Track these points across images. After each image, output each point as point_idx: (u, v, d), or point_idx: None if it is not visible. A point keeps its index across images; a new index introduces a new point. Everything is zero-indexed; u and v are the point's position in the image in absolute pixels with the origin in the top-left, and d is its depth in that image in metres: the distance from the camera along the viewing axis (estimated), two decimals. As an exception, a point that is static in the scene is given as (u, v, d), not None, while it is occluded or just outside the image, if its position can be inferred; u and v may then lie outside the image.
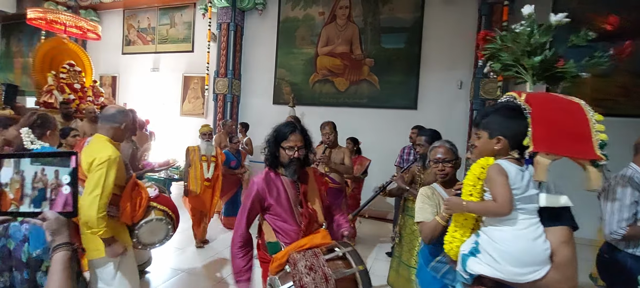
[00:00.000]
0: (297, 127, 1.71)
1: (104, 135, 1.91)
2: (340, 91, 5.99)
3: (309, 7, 6.20)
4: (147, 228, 1.99)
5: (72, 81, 4.37)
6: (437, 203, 1.69)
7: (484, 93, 4.82)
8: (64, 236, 0.82)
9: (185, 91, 7.23)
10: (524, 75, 1.37)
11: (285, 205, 1.68)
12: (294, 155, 1.64)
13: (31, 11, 4.72)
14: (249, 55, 6.68)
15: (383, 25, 5.73)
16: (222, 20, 6.39)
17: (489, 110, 1.15)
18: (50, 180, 0.83)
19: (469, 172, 1.12)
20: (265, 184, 1.68)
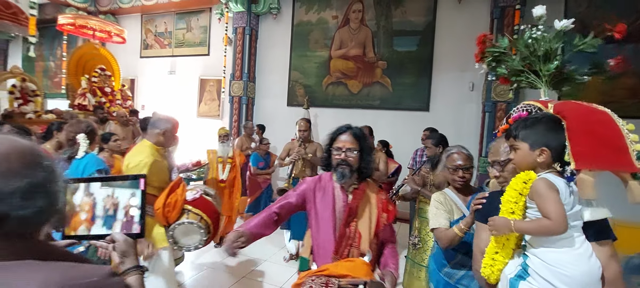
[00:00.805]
0: (352, 128, 1.58)
1: (148, 141, 2.09)
2: (353, 93, 6.13)
3: (323, 11, 6.35)
4: (180, 230, 2.02)
5: (103, 85, 4.61)
6: (451, 208, 1.67)
7: (495, 95, 4.92)
8: (133, 259, 0.82)
9: (202, 93, 7.45)
10: (537, 82, 1.34)
11: (328, 216, 1.51)
12: (341, 157, 1.50)
13: (62, 17, 4.97)
14: (263, 58, 6.86)
15: (395, 29, 5.85)
16: (238, 25, 6.58)
17: (527, 121, 1.08)
18: (121, 203, 0.84)
19: (509, 188, 1.05)
20: (314, 184, 1.58)
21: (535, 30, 1.34)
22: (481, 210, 1.27)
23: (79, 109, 4.23)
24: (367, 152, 1.56)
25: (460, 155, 1.73)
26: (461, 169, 1.70)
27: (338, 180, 1.52)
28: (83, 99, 4.27)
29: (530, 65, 1.37)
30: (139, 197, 0.85)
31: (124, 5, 7.72)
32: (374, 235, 1.51)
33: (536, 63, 1.34)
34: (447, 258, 1.70)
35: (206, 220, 2.03)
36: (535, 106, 1.21)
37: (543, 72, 1.33)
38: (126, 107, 4.76)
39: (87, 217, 0.85)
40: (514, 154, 1.09)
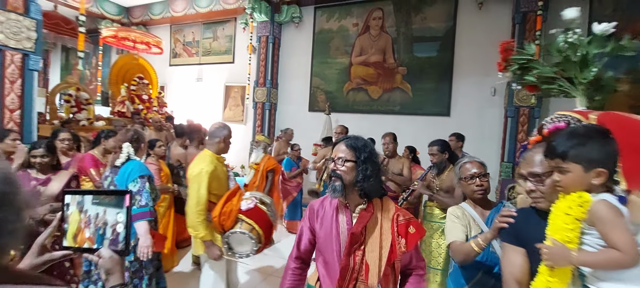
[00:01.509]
0: (348, 138, 1.38)
1: (209, 150, 2.28)
2: (373, 99, 6.24)
3: (343, 19, 6.52)
4: (233, 238, 2.14)
5: (141, 93, 4.95)
6: (468, 223, 1.59)
7: (518, 100, 4.91)
8: (118, 276, 0.82)
9: (227, 99, 7.77)
10: (572, 91, 1.23)
11: (330, 241, 1.32)
12: (332, 168, 1.30)
13: (105, 30, 5.42)
14: (285, 65, 7.09)
15: (415, 35, 5.93)
16: (261, 34, 6.85)
17: (576, 137, 0.94)
18: (109, 220, 0.84)
19: (559, 212, 0.93)
20: (319, 205, 1.42)
21: (571, 34, 1.22)
22: (510, 229, 1.17)
23: (118, 115, 4.57)
24: (369, 165, 1.28)
25: (472, 163, 1.66)
26: (477, 177, 1.61)
27: (330, 196, 1.33)
28: (122, 106, 4.61)
29: (563, 71, 1.26)
30: (124, 214, 0.84)
31: (155, 16, 8.18)
32: (390, 265, 1.26)
33: (570, 69, 1.22)
34: (466, 278, 1.58)
35: (258, 231, 2.12)
36: (573, 117, 1.10)
37: (579, 80, 1.20)
38: (162, 113, 5.09)
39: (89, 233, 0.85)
40: (562, 177, 0.94)
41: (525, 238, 1.09)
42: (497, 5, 5.31)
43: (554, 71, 1.27)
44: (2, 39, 2.81)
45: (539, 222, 1.06)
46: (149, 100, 4.97)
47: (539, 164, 1.12)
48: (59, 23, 3.94)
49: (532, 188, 1.12)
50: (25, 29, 2.94)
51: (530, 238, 1.06)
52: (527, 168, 1.15)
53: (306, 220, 1.43)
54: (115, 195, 0.86)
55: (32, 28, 2.99)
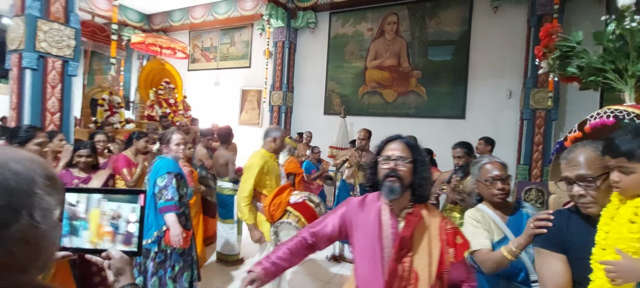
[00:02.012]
0: (402, 136, 1.31)
1: (263, 149, 2.54)
2: (388, 102, 6.33)
3: (358, 23, 6.64)
4: (281, 228, 2.35)
5: (168, 97, 5.17)
6: (490, 227, 1.48)
7: (534, 103, 4.92)
8: (128, 276, 0.80)
9: (243, 103, 7.97)
10: (620, 84, 1.15)
11: (373, 245, 1.20)
12: (390, 166, 1.20)
13: (134, 36, 5.74)
14: (301, 69, 7.25)
15: (430, 39, 6.00)
16: (278, 39, 7.03)
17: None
18: (122, 218, 0.82)
19: (623, 219, 0.87)
20: (357, 205, 1.30)
21: (629, 21, 1.13)
22: (549, 234, 1.08)
23: (148, 119, 4.80)
24: (423, 166, 1.25)
25: (494, 165, 1.54)
26: (499, 180, 1.49)
27: (386, 197, 1.21)
28: (151, 110, 4.84)
29: (614, 62, 1.17)
30: (137, 213, 0.82)
31: (175, 23, 8.47)
32: (437, 276, 1.16)
33: (621, 60, 1.14)
34: (488, 286, 1.51)
35: (304, 222, 2.28)
36: (629, 112, 1.02)
37: (632, 71, 1.12)
38: (187, 116, 5.31)
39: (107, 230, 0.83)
40: (623, 177, 0.89)
41: (566, 244, 1.03)
42: (512, 8, 5.34)
43: (600, 63, 1.17)
44: (46, 47, 3.03)
45: (582, 227, 1.02)
46: (175, 104, 5.19)
47: (586, 165, 1.00)
48: (95, 31, 4.21)
49: (582, 192, 1.00)
50: (65, 37, 3.16)
51: (572, 244, 1.01)
52: (573, 171, 1.03)
53: (341, 211, 1.32)
54: (128, 194, 0.83)
55: (72, 36, 3.21)
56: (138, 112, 5.91)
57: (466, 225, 1.53)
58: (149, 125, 4.40)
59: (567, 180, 1.05)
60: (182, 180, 2.39)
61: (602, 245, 0.90)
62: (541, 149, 4.92)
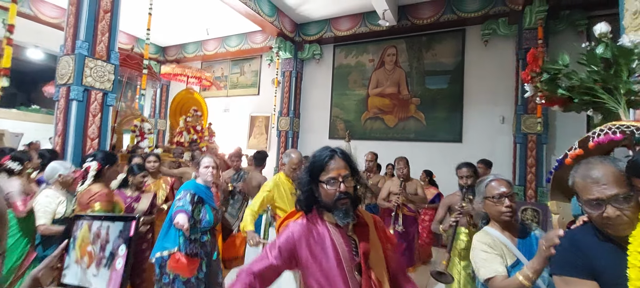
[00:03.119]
0: (336, 150, 1.23)
1: (281, 171, 2.78)
2: (389, 127, 6.74)
3: (360, 55, 7.17)
4: None
5: (195, 124, 5.54)
6: (502, 252, 1.41)
7: (525, 128, 5.31)
8: None
9: (252, 128, 8.40)
10: (611, 102, 1.17)
11: (334, 270, 1.14)
12: (340, 189, 1.14)
13: (164, 67, 6.33)
14: (307, 97, 7.73)
15: (427, 69, 6.49)
16: (286, 69, 7.56)
17: None
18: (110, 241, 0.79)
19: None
20: (304, 230, 1.20)
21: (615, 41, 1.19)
22: (571, 257, 1.01)
23: (177, 145, 5.15)
24: (358, 173, 1.23)
25: (500, 182, 1.52)
26: (506, 197, 1.47)
27: (342, 222, 1.16)
28: (180, 136, 5.22)
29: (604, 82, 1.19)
30: (126, 246, 0.77)
31: (188, 55, 9.06)
32: (388, 270, 1.24)
33: (611, 80, 1.16)
34: None
35: None
36: (637, 127, 1.01)
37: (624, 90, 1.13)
38: (211, 142, 5.68)
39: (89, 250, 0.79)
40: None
41: (597, 269, 0.95)
42: (501, 42, 5.85)
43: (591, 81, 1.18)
44: (90, 81, 3.47)
45: (609, 248, 0.95)
46: (201, 130, 5.55)
47: (618, 184, 0.94)
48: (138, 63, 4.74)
49: (619, 213, 0.93)
50: (106, 72, 3.61)
51: (603, 269, 0.94)
52: (605, 191, 0.95)
53: (285, 243, 1.19)
54: (122, 220, 0.80)
55: (111, 72, 3.66)
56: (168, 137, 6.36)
57: (476, 250, 1.44)
58: (176, 150, 4.77)
59: (597, 202, 0.96)
60: (201, 206, 2.39)
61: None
62: (534, 171, 5.26)
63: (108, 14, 3.64)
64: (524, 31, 5.34)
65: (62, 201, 2.45)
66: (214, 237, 2.56)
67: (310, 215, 1.23)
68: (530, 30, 5.23)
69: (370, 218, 1.29)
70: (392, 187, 3.76)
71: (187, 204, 2.28)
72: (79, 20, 3.47)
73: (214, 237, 2.56)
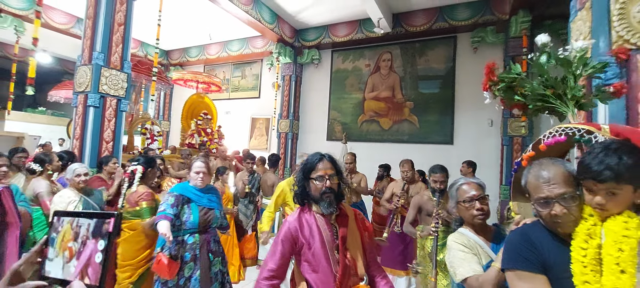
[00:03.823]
0: (325, 155, 1.54)
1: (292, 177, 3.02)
2: (384, 129, 7.06)
3: (357, 60, 7.49)
4: None
5: (206, 127, 5.80)
6: (477, 252, 1.44)
7: (511, 131, 5.63)
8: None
9: (252, 130, 8.71)
10: (561, 106, 1.25)
11: (319, 250, 1.44)
12: (326, 185, 1.45)
13: (175, 73, 6.62)
14: (306, 100, 8.04)
15: (420, 74, 6.81)
16: (285, 73, 7.87)
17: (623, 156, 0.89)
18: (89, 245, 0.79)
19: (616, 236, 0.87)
20: (298, 222, 1.50)
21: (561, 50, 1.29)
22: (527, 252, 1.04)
23: (188, 147, 5.43)
24: (342, 174, 1.54)
25: (470, 185, 1.55)
26: (476, 200, 1.50)
27: (327, 211, 1.46)
28: (191, 138, 5.50)
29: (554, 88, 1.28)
30: (105, 241, 0.79)
31: (191, 58, 9.37)
32: (364, 254, 1.51)
33: (559, 87, 1.26)
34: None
35: None
36: (579, 129, 1.06)
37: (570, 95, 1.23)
38: (221, 144, 5.93)
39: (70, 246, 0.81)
40: (609, 199, 0.90)
41: (547, 264, 1.00)
42: (489, 49, 6.17)
43: (541, 89, 1.27)
44: (106, 89, 3.77)
45: (555, 244, 1.01)
46: (211, 133, 5.81)
47: (565, 183, 1.00)
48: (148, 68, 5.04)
49: (565, 211, 0.98)
50: (120, 80, 3.92)
51: (552, 263, 0.99)
52: (553, 190, 1.01)
53: (288, 238, 1.48)
54: (102, 217, 0.82)
55: (124, 80, 3.97)
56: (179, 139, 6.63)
57: (452, 250, 1.46)
58: (184, 151, 5.07)
59: (545, 201, 1.01)
60: (188, 207, 2.28)
61: (583, 262, 0.90)
62: (519, 171, 5.58)
63: (121, 27, 3.94)
64: (510, 39, 5.66)
65: (72, 201, 2.62)
66: (209, 237, 2.34)
67: (302, 208, 1.55)
68: (516, 39, 5.55)
69: (351, 211, 1.59)
70: (395, 188, 3.73)
71: (168, 208, 2.18)
72: (96, 33, 3.78)
73: (209, 237, 2.34)
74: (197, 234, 2.27)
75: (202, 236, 2.28)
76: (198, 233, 2.27)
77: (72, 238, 0.81)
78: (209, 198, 2.37)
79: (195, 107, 6.43)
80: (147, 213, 2.53)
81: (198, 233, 2.27)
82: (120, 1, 3.93)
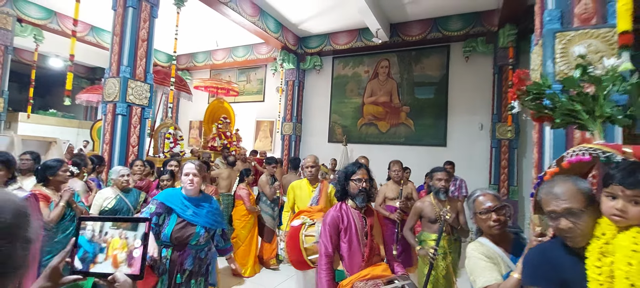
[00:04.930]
0: (363, 165, 2.02)
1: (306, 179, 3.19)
2: (382, 132, 7.51)
3: (357, 66, 7.94)
4: None
5: (225, 130, 6.15)
6: (498, 262, 1.44)
7: (499, 134, 6.09)
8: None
9: (257, 132, 9.15)
10: (590, 124, 1.23)
11: (353, 234, 1.88)
12: (362, 186, 1.91)
13: (195, 80, 7.07)
14: (308, 104, 8.49)
15: (416, 81, 7.26)
16: (289, 78, 8.31)
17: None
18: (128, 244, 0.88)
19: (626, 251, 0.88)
20: (338, 213, 1.94)
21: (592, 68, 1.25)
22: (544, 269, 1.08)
23: (211, 149, 5.84)
24: (372, 180, 2.01)
25: (486, 196, 1.55)
26: (493, 211, 1.50)
27: (360, 204, 1.93)
28: (214, 141, 5.87)
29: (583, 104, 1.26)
30: (141, 239, 0.88)
31: (198, 63, 9.80)
32: (384, 242, 2.01)
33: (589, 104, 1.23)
34: None
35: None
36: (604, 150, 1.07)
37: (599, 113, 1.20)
38: (239, 146, 6.27)
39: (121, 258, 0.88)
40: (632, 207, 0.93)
41: (565, 282, 1.02)
42: (480, 58, 6.62)
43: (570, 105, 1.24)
44: (132, 98, 4.21)
45: (572, 261, 1.03)
46: (230, 136, 6.15)
47: (572, 199, 1.04)
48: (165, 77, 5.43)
49: (571, 226, 1.03)
50: (144, 91, 4.36)
51: (569, 281, 1.01)
52: (560, 205, 1.05)
53: (333, 224, 1.91)
54: (134, 222, 0.91)
55: (148, 90, 4.41)
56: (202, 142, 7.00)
57: (473, 259, 1.47)
58: (204, 154, 5.49)
59: (554, 214, 1.07)
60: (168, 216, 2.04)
61: (599, 280, 0.91)
62: (506, 172, 6.04)
63: (145, 42, 4.39)
64: (499, 50, 6.12)
65: (108, 198, 3.03)
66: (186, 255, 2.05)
67: (340, 203, 2.00)
68: (504, 49, 6.01)
69: (374, 211, 2.08)
70: (387, 191, 3.73)
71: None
72: (123, 49, 4.21)
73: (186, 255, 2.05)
74: (170, 249, 2.02)
75: (175, 252, 2.02)
76: (172, 249, 2.02)
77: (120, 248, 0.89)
78: (195, 211, 2.06)
79: (215, 111, 6.81)
80: None
81: (172, 249, 2.02)
82: (144, 19, 4.37)
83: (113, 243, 0.88)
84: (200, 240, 2.07)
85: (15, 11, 6.66)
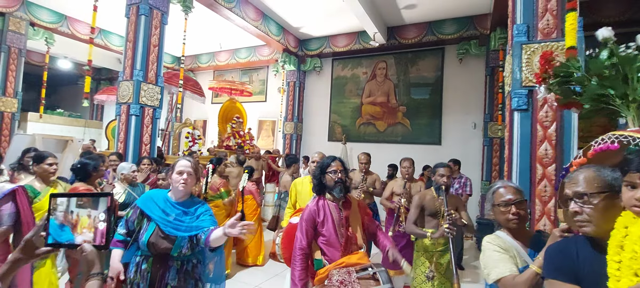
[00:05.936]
0: (337, 157, 2.09)
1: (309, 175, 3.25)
2: (380, 131, 7.81)
3: (355, 68, 8.23)
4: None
5: (239, 129, 6.36)
6: (514, 255, 1.40)
7: (491, 133, 6.38)
8: (97, 267, 0.94)
9: (259, 131, 9.46)
10: (622, 110, 1.15)
11: (330, 226, 1.96)
12: (338, 177, 1.97)
13: (209, 82, 7.44)
14: (309, 104, 8.79)
15: (412, 82, 7.56)
16: (290, 79, 8.62)
17: None
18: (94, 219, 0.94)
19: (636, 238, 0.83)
20: (315, 207, 2.01)
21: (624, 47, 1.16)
22: (560, 261, 1.06)
23: (226, 148, 6.05)
24: (347, 172, 2.07)
25: (507, 189, 1.50)
26: (512, 204, 1.45)
27: (337, 196, 2.00)
28: (229, 140, 6.14)
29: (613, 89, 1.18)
30: (105, 213, 0.94)
31: (202, 64, 10.11)
32: (363, 231, 2.07)
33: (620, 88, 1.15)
34: None
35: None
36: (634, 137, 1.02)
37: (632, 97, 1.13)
38: (252, 146, 6.48)
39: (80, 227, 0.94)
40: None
41: (579, 274, 1.00)
42: (473, 60, 6.92)
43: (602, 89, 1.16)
44: (145, 100, 4.52)
45: (592, 254, 1.00)
46: (243, 135, 6.35)
47: (583, 183, 1.02)
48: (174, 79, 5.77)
49: (577, 209, 1.01)
50: (155, 93, 4.67)
51: (585, 274, 0.99)
52: (571, 188, 1.04)
53: (310, 219, 1.99)
54: (97, 197, 0.96)
55: (159, 92, 4.72)
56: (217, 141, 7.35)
57: (487, 251, 1.43)
58: (221, 152, 5.75)
59: (566, 198, 1.06)
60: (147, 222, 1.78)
61: (616, 276, 0.87)
62: (497, 169, 6.33)
63: (156, 48, 4.69)
64: (491, 52, 6.41)
65: (118, 193, 3.18)
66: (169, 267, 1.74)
67: (318, 197, 2.06)
68: (495, 52, 6.29)
69: (355, 200, 2.15)
70: (395, 187, 3.73)
71: (120, 228, 1.83)
72: (136, 54, 4.52)
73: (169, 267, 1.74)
74: (150, 259, 1.75)
75: (156, 265, 1.73)
76: (152, 260, 1.75)
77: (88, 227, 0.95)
78: (178, 219, 1.76)
79: (228, 111, 7.09)
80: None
81: (152, 260, 1.75)
82: (155, 25, 4.68)
83: (82, 221, 0.94)
84: (183, 250, 1.73)
85: (28, 15, 6.98)
